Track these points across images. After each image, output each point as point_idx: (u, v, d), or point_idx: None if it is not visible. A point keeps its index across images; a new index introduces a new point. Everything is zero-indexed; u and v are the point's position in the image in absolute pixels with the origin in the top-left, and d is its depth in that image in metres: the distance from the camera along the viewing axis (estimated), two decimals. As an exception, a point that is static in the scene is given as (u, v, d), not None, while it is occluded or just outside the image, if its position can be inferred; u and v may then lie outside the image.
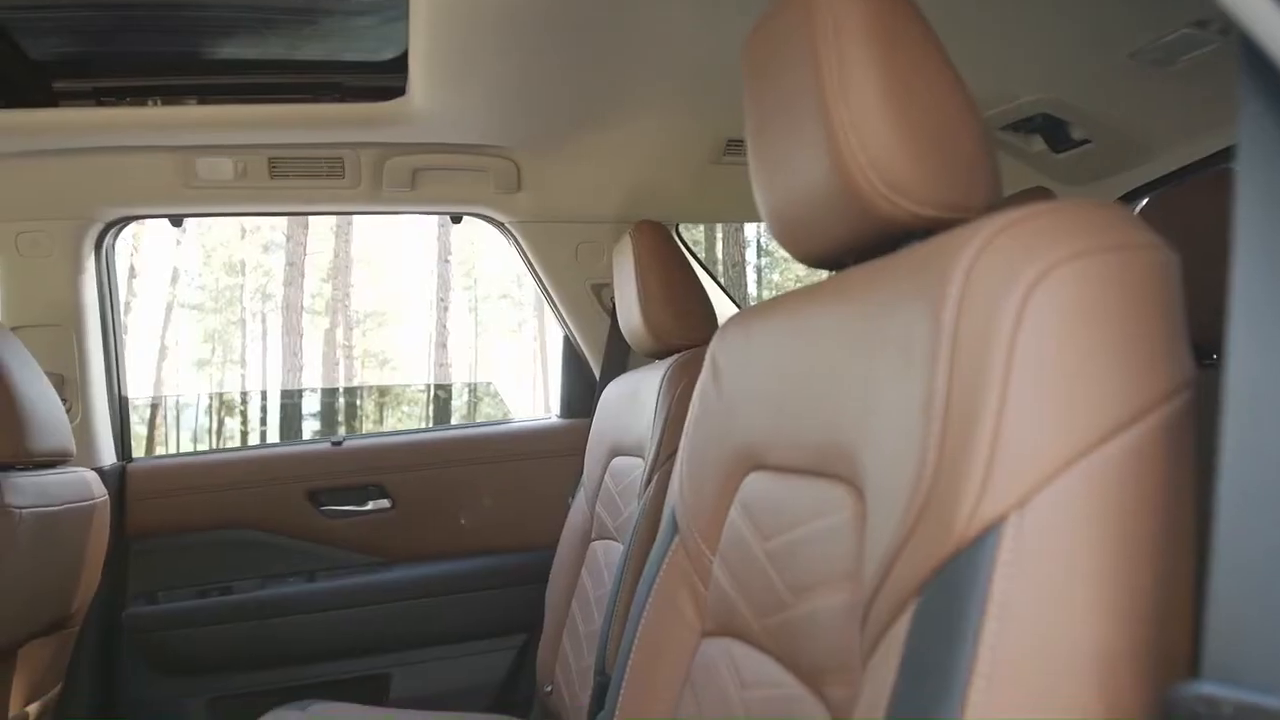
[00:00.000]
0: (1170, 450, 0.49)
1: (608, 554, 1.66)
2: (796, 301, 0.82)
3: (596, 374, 2.11)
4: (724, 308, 1.95)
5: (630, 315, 1.63)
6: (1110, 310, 0.51)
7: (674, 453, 1.40)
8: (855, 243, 0.73)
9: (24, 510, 1.34)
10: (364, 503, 2.07)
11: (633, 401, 1.64)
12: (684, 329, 1.56)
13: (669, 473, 1.40)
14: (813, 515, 0.71)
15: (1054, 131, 1.76)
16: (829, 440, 0.69)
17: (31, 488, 1.39)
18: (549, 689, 1.80)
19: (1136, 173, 1.83)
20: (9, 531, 1.30)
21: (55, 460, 1.50)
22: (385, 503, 2.08)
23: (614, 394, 1.79)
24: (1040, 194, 1.71)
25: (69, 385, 1.87)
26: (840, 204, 0.69)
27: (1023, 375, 0.50)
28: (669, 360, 1.52)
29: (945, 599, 0.50)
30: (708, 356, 0.96)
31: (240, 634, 1.95)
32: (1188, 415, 0.50)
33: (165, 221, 1.99)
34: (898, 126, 0.65)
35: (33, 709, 1.57)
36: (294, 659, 1.99)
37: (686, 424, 0.99)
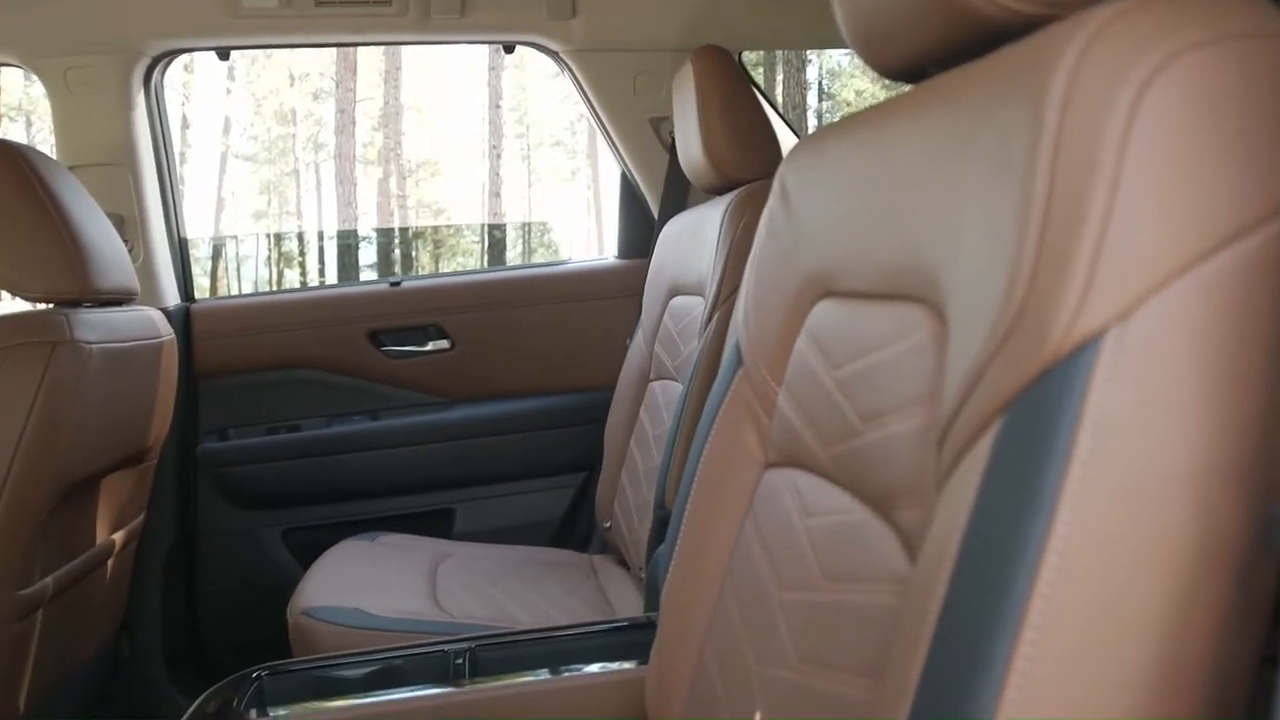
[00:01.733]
0: None
1: (666, 393, 1.66)
2: (874, 117, 0.76)
3: (655, 212, 2.07)
4: (788, 141, 1.87)
5: (690, 148, 1.57)
6: (1233, 106, 0.46)
7: (736, 289, 1.37)
8: (943, 47, 0.67)
9: (94, 346, 1.36)
10: (424, 343, 2.09)
11: (693, 239, 1.60)
12: (747, 161, 1.50)
13: (730, 310, 1.38)
14: (887, 340, 0.68)
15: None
16: (907, 260, 0.66)
17: (101, 324, 1.41)
18: (608, 524, 1.84)
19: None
20: (81, 366, 1.33)
21: (121, 299, 1.52)
22: (445, 343, 2.10)
23: (673, 232, 1.75)
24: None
25: (129, 225, 1.88)
26: (928, 1, 0.63)
27: (1133, 177, 0.46)
28: (731, 194, 1.47)
29: (1035, 416, 0.47)
30: (776, 181, 0.92)
31: (309, 469, 2.02)
32: None
33: (215, 70, 1.97)
34: None
35: (118, 537, 1.65)
36: (361, 494, 2.05)
37: (751, 254, 0.96)
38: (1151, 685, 0.44)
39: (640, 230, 2.13)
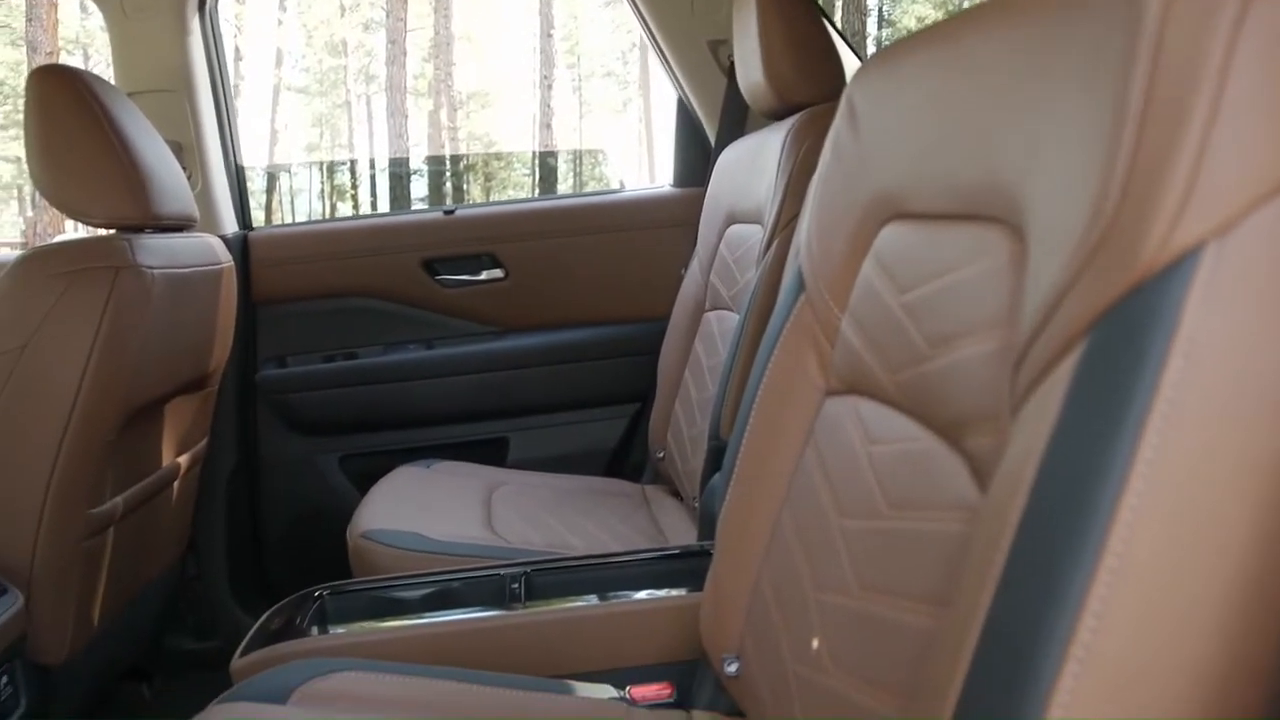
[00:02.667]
0: None
1: (722, 324, 1.64)
2: (950, 29, 0.73)
3: (712, 139, 2.02)
4: (851, 64, 1.81)
5: (750, 70, 1.53)
6: None
7: (796, 216, 1.35)
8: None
9: (156, 271, 1.38)
10: (478, 273, 2.09)
11: (751, 165, 1.57)
12: (809, 83, 1.46)
13: (789, 238, 1.35)
14: (960, 262, 0.65)
15: None
16: (985, 178, 0.63)
17: (162, 250, 1.42)
18: (661, 454, 1.84)
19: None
20: (144, 291, 1.35)
21: (181, 225, 1.53)
22: (498, 273, 2.09)
23: (731, 158, 1.72)
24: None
25: (186, 152, 1.89)
26: None
27: (1241, 79, 0.43)
28: (792, 119, 1.43)
29: (1123, 335, 0.45)
30: (843, 101, 0.89)
31: (365, 397, 2.04)
32: None
33: (266, 1, 1.94)
34: None
35: (183, 460, 1.69)
36: (416, 422, 2.08)
37: (815, 177, 0.93)
38: (1239, 609, 0.42)
39: (696, 158, 2.09)
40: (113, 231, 1.41)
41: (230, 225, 2.01)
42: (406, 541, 1.43)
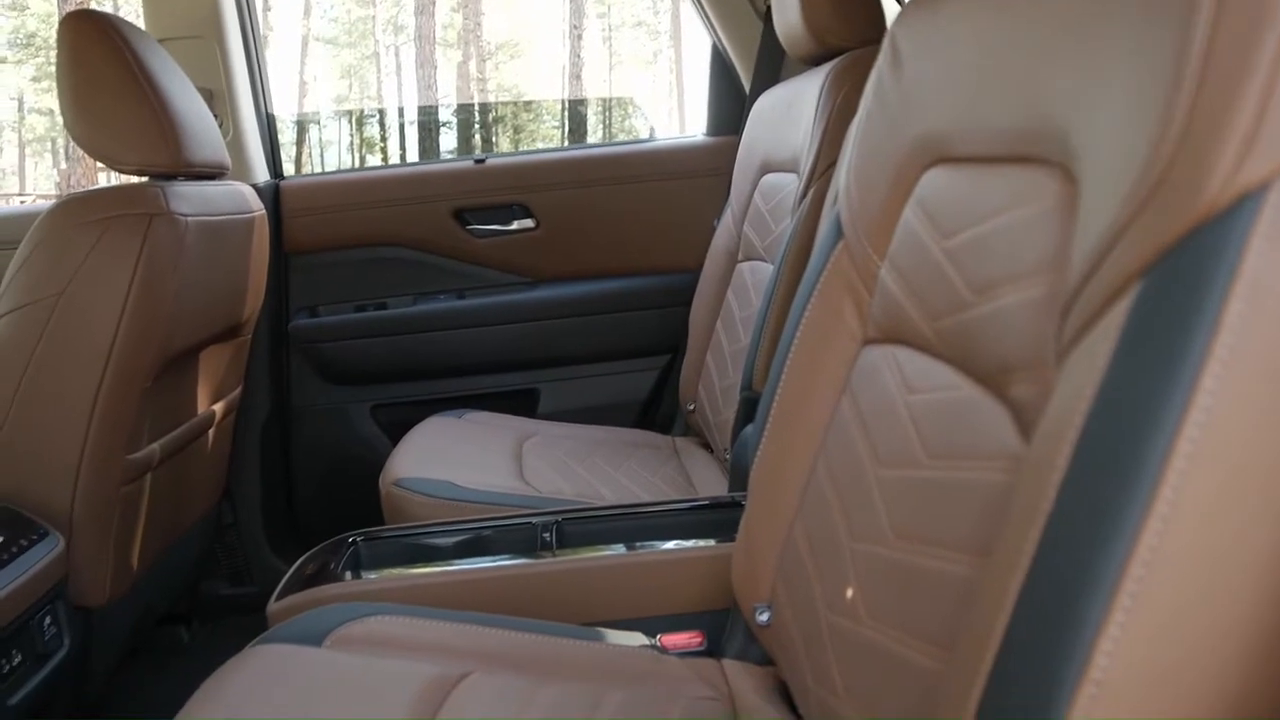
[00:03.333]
0: None
1: (755, 274, 1.63)
2: (1000, -35, 0.70)
3: (746, 87, 1.99)
4: (890, 9, 1.77)
5: (788, 13, 1.49)
6: None
7: (833, 164, 1.33)
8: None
9: (189, 219, 1.38)
10: (509, 222, 2.08)
11: (787, 112, 1.54)
12: (848, 26, 1.42)
13: (826, 186, 1.33)
14: (1006, 206, 0.64)
15: None
16: (1034, 119, 0.61)
17: (195, 197, 1.42)
18: (691, 407, 1.84)
19: None
20: (178, 238, 1.35)
21: (213, 173, 1.53)
22: (529, 222, 2.08)
23: (766, 106, 1.69)
24: None
25: (217, 100, 1.88)
26: None
27: None
28: (830, 64, 1.40)
29: (1181, 278, 0.44)
30: (885, 42, 0.86)
31: (396, 347, 2.05)
32: None
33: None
34: None
35: (218, 408, 1.70)
36: (447, 372, 2.08)
37: (855, 122, 0.91)
38: None
39: (730, 106, 2.06)
40: (145, 179, 1.41)
41: (262, 174, 2.01)
42: (439, 490, 1.44)
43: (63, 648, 1.27)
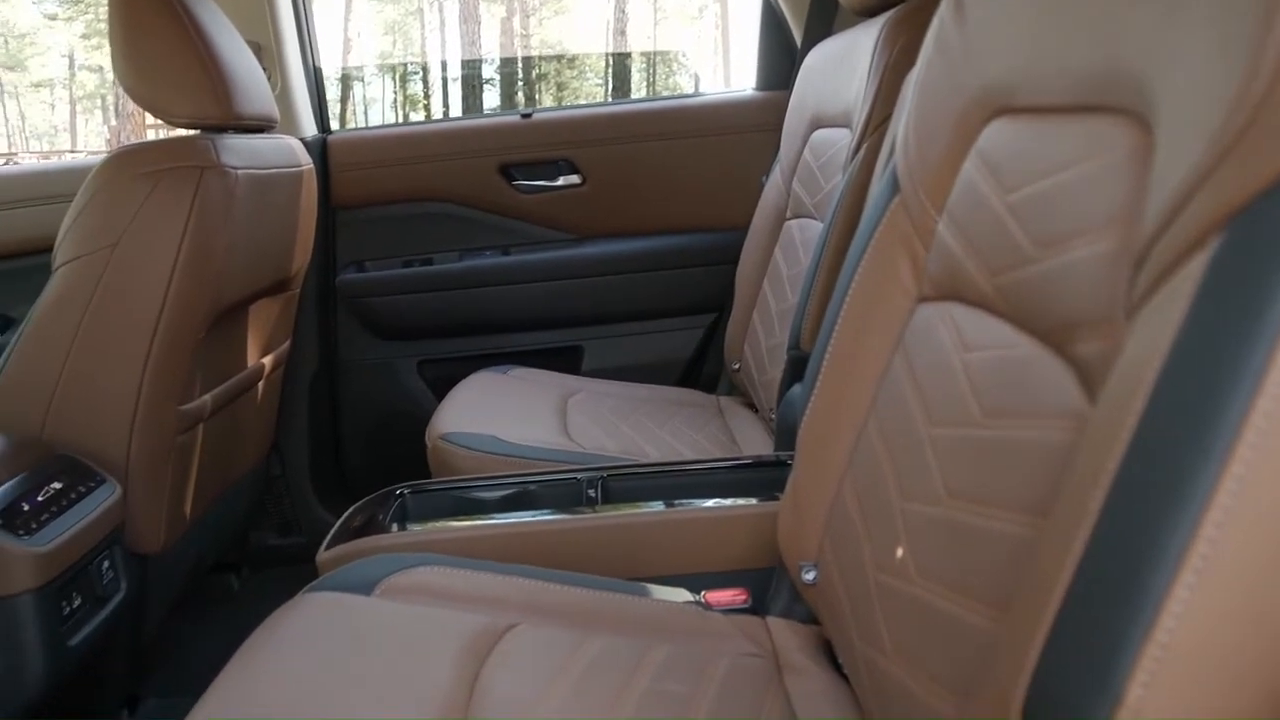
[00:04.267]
0: None
1: (804, 232, 1.61)
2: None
3: (798, 40, 1.95)
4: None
5: (842, -36, 1.46)
6: None
7: (887, 118, 1.30)
8: None
9: (239, 171, 1.39)
10: (554, 178, 2.07)
11: (840, 66, 1.51)
12: (907, -25, 1.39)
13: (879, 141, 1.30)
14: (1076, 158, 0.62)
15: None
16: (1107, 67, 0.59)
17: (245, 150, 1.43)
18: (736, 365, 1.83)
19: None
20: (228, 191, 1.36)
21: (261, 126, 1.53)
22: (576, 178, 2.07)
23: (818, 60, 1.65)
24: None
25: (265, 53, 1.88)
26: None
27: None
28: (884, 16, 1.37)
29: (1265, 229, 0.42)
30: None
31: (442, 303, 2.06)
32: None
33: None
34: None
35: (267, 361, 1.72)
36: (492, 328, 2.09)
37: (914, 73, 0.89)
38: None
39: (780, 60, 2.02)
40: (196, 132, 1.42)
41: (309, 128, 2.01)
42: (484, 444, 1.44)
43: (120, 592, 1.30)
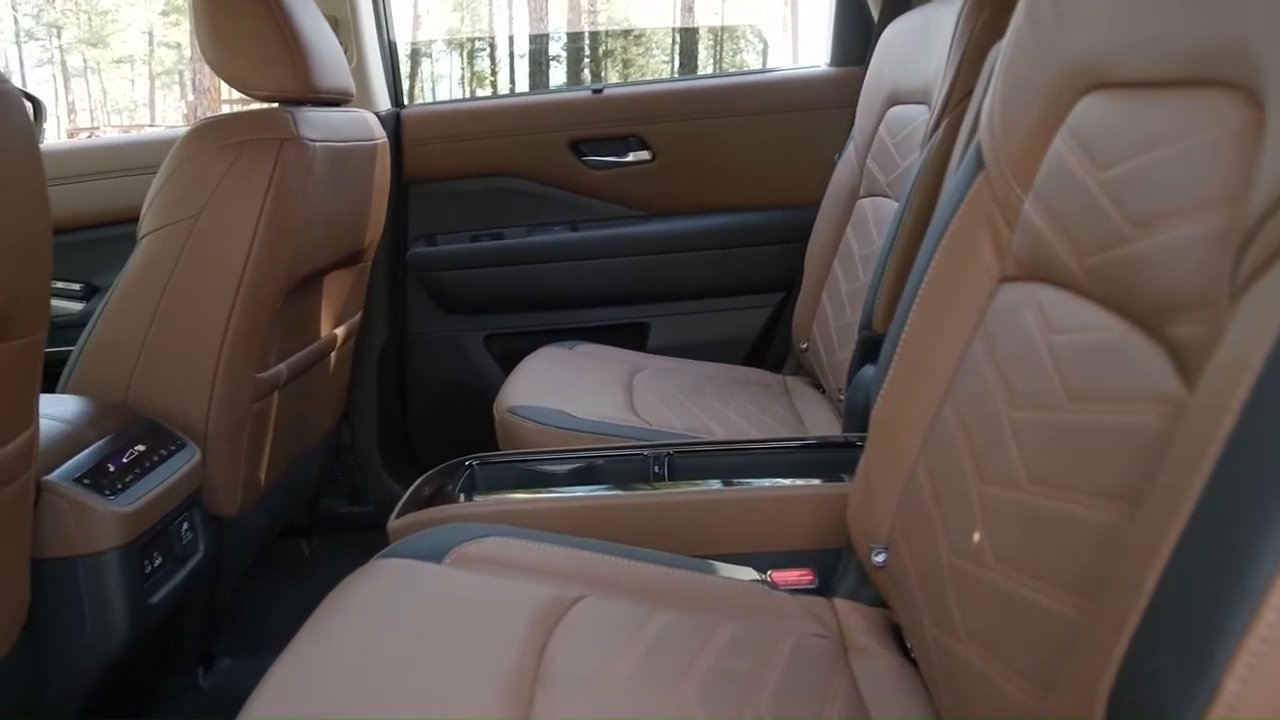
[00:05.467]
0: None
1: (877, 211, 1.58)
2: None
3: (874, 15, 1.91)
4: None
5: (925, -64, 1.42)
6: None
7: (969, 94, 1.27)
8: None
9: (317, 144, 1.40)
10: (624, 154, 2.07)
11: (919, 41, 1.47)
12: (992, -53, 1.35)
13: (959, 118, 1.27)
14: (1176, 134, 0.59)
15: None
16: (1212, 37, 0.56)
17: (322, 123, 1.45)
18: (804, 345, 1.81)
19: None
20: (306, 163, 1.38)
21: (339, 99, 1.55)
22: (645, 154, 2.06)
23: (896, 34, 1.62)
24: None
25: (342, 27, 1.91)
26: None
27: None
28: (967, -11, 1.33)
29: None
30: None
31: (510, 277, 2.07)
32: None
33: None
34: None
35: (340, 332, 1.75)
36: (559, 304, 2.10)
37: (1003, 46, 0.87)
38: None
39: (856, 35, 1.99)
40: (275, 105, 1.44)
41: (383, 102, 2.03)
42: (552, 419, 1.45)
43: (198, 553, 1.33)
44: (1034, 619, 0.64)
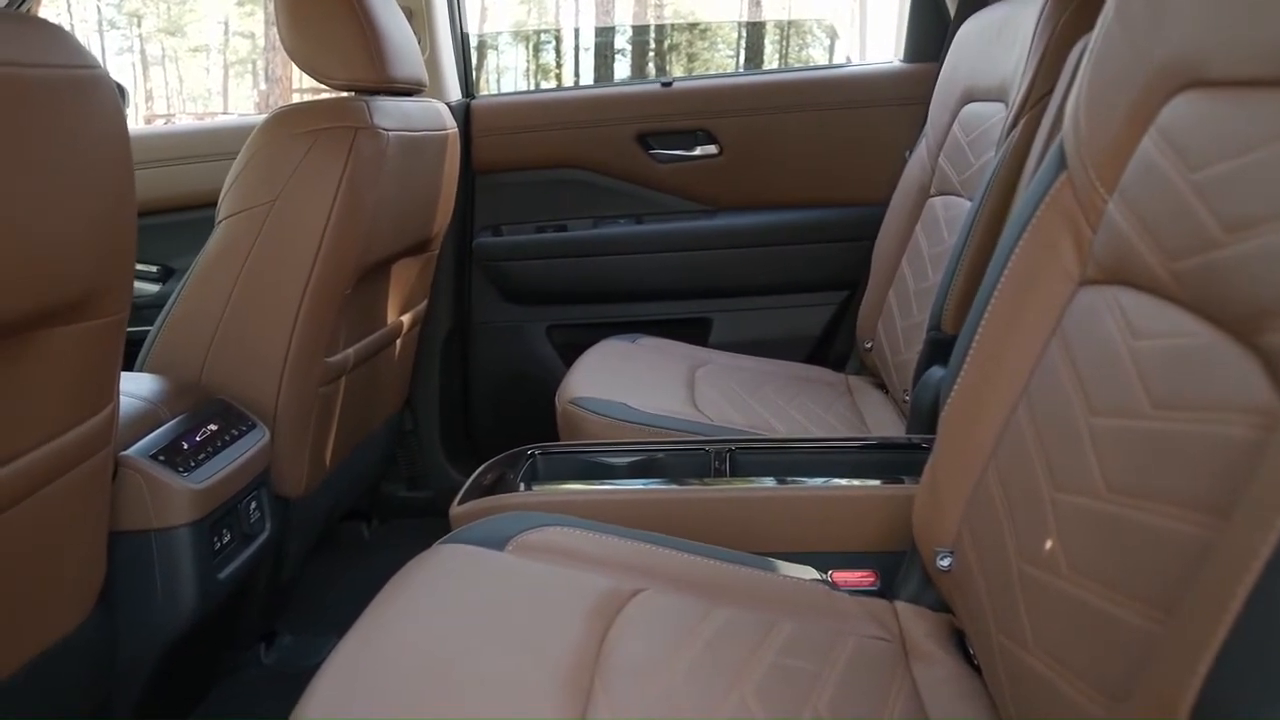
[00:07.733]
0: None
1: (949, 210, 1.56)
2: None
3: (951, 10, 1.88)
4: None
5: (1007, -70, 1.40)
6: None
7: (1048, 93, 1.24)
8: None
9: (390, 133, 1.42)
10: (692, 148, 2.06)
11: (998, 37, 1.44)
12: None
13: (1038, 117, 1.25)
14: (1276, 135, 0.57)
15: None
16: (1320, 36, 0.54)
17: (396, 112, 1.46)
18: (869, 344, 1.79)
19: None
20: (379, 152, 1.40)
21: (412, 89, 1.57)
22: (713, 149, 2.05)
23: (974, 30, 1.59)
24: None
25: (415, 18, 1.93)
26: None
27: None
28: (1049, -13, 1.30)
29: None
30: None
31: (574, 269, 2.08)
32: None
33: None
34: None
35: (405, 319, 1.77)
36: (622, 296, 2.10)
37: (1091, 43, 0.84)
38: None
39: (931, 31, 1.95)
40: (350, 94, 1.46)
41: (454, 92, 2.05)
42: (614, 411, 1.45)
43: (264, 531, 1.36)
44: (1108, 630, 0.62)
